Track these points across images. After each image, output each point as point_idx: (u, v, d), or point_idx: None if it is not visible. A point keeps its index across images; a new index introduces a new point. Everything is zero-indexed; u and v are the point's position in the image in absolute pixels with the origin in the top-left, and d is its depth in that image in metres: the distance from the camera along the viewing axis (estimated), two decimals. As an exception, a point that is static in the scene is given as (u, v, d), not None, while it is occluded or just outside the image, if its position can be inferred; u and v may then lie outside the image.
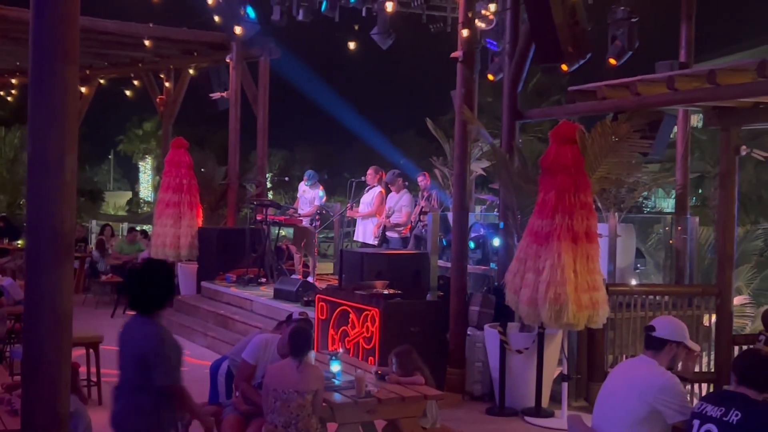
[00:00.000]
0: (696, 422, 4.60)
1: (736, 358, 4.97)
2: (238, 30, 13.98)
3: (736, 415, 4.43)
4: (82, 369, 8.52)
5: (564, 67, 9.73)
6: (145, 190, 46.48)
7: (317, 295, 10.54)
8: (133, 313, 5.23)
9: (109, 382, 9.50)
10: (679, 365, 5.13)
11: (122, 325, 5.30)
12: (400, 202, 13.21)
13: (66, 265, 4.64)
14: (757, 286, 15.89)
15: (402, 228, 13.10)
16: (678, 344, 5.05)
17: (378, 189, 13.45)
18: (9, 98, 22.71)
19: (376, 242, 13.28)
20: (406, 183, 13.79)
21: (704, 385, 9.47)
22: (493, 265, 11.10)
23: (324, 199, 14.14)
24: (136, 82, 19.93)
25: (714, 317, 9.76)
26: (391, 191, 13.59)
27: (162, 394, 4.96)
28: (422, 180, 13.68)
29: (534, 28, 9.70)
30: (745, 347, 9.13)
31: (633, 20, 10.03)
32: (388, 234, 13.19)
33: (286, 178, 20.65)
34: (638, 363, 5.18)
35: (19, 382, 5.64)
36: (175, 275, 15.07)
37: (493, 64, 11.59)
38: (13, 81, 21.41)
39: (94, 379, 9.08)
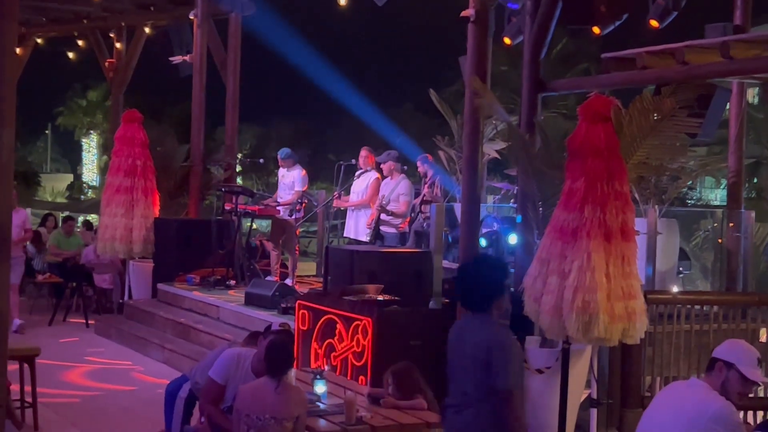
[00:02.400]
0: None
1: None
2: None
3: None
4: (14, 387, 8.51)
5: (596, 29, 9.72)
6: (90, 173, 46.47)
7: (298, 302, 10.53)
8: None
9: (46, 402, 9.54)
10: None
11: (454, 326, 5.73)
12: (396, 190, 13.16)
13: (1, 261, 4.63)
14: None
15: (400, 221, 13.06)
16: (729, 366, 5.03)
17: (374, 175, 13.42)
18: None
19: (368, 239, 13.27)
20: (405, 167, 13.75)
21: (759, 413, 9.52)
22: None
23: (305, 184, 14.07)
24: (80, 43, 19.92)
25: (772, 332, 9.81)
26: (385, 177, 13.55)
27: (502, 400, 5.22)
28: (423, 164, 13.67)
29: (561, -17, 9.71)
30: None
31: (679, -26, 10.04)
32: (383, 229, 13.13)
33: (260, 160, 20.65)
34: (689, 387, 5.20)
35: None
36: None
37: (511, 25, 11.57)
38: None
39: (29, 399, 9.07)
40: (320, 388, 6.93)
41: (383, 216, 13.04)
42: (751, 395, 9.13)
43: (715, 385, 5.05)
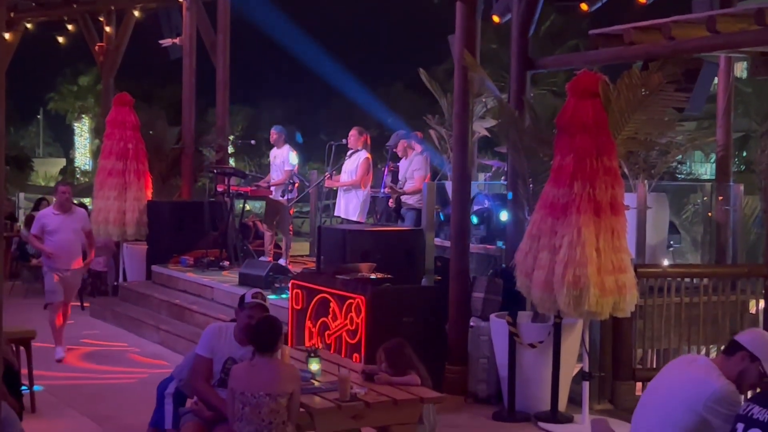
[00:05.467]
0: (740, 426, 4.64)
1: None
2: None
3: (786, 419, 4.46)
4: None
5: (583, 6, 9.74)
6: (83, 157, 46.26)
7: (291, 281, 10.58)
8: None
9: (45, 384, 9.57)
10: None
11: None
12: (411, 167, 13.16)
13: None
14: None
15: (418, 197, 12.92)
16: (753, 359, 4.93)
17: (364, 154, 13.39)
18: None
19: (361, 218, 13.27)
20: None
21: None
22: (500, 243, 11.14)
23: (296, 164, 14.06)
24: (70, 27, 19.82)
25: (762, 303, 9.85)
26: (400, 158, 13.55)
27: None
28: (409, 140, 13.66)
29: (548, -40, 9.70)
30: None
31: (666, -51, 10.05)
32: (404, 211, 13.10)
33: (252, 141, 20.59)
34: (696, 363, 5.16)
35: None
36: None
37: (499, 2, 11.55)
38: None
39: (25, 382, 9.09)
40: (314, 365, 6.96)
41: (403, 198, 13.06)
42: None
43: (730, 371, 4.90)
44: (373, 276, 9.64)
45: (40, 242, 11.17)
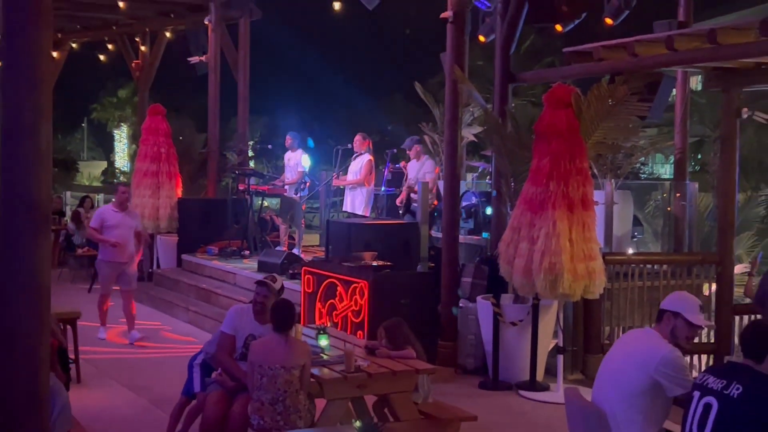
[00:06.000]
0: (696, 394, 4.64)
1: (743, 330, 5.00)
2: (216, -10, 13.93)
3: (738, 389, 4.42)
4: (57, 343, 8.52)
5: (558, 27, 9.71)
6: (121, 160, 46.20)
7: (303, 268, 10.57)
8: None
9: (87, 359, 9.57)
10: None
11: None
12: (423, 169, 13.10)
13: (43, 236, 4.63)
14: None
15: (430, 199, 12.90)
16: (675, 315, 5.06)
17: (366, 156, 13.37)
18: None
19: (365, 212, 13.26)
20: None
21: (704, 357, 9.58)
22: (485, 234, 11.13)
23: (307, 166, 14.02)
24: (110, 46, 19.80)
25: (714, 286, 9.84)
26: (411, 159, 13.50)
27: None
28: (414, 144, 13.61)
29: (527, -13, 9.68)
30: (746, 317, 9.23)
31: (630, -23, 10.01)
32: (414, 206, 13.05)
33: (269, 146, 20.56)
34: (642, 334, 5.23)
35: None
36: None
37: (485, 24, 11.53)
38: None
39: (72, 356, 9.09)
40: (323, 341, 6.95)
41: (412, 195, 13.01)
42: (696, 341, 9.20)
43: (664, 332, 5.07)
44: (374, 263, 9.64)
45: (99, 234, 10.85)
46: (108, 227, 10.84)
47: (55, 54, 19.33)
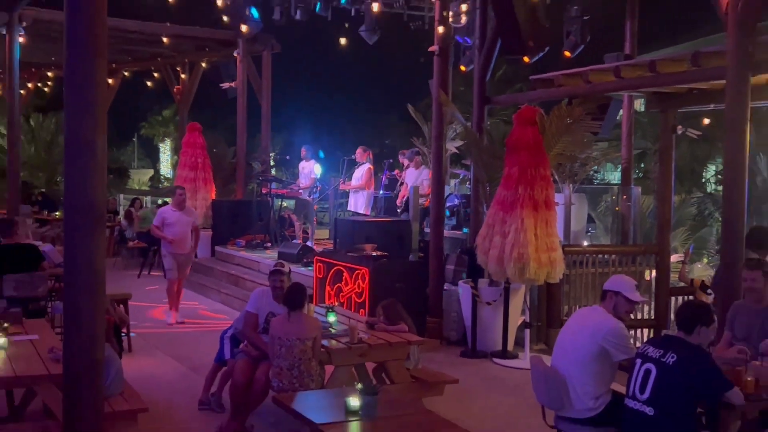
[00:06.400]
0: (638, 361, 4.67)
1: (678, 308, 5.03)
2: (243, 28, 13.89)
3: (672, 357, 4.49)
4: (112, 320, 8.53)
5: (526, 59, 9.71)
6: (165, 168, 46.11)
7: (315, 257, 10.58)
8: None
9: (137, 333, 9.58)
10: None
11: None
12: (421, 177, 13.08)
13: (99, 231, 4.65)
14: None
15: (424, 199, 12.89)
16: (616, 294, 5.08)
17: (366, 165, 13.40)
18: (45, 89, 22.80)
19: (366, 212, 13.27)
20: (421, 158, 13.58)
21: (646, 330, 9.59)
22: (465, 230, 11.14)
23: (319, 174, 14.03)
24: (155, 75, 19.77)
25: (654, 272, 9.85)
26: (409, 168, 13.46)
27: None
28: (405, 157, 13.61)
29: (500, 25, 9.67)
30: (680, 298, 9.25)
31: (585, 18, 10.03)
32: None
33: (287, 157, 20.56)
34: (591, 311, 5.26)
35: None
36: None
37: (465, 56, 11.56)
38: (49, 74, 21.56)
39: (124, 330, 9.10)
40: (332, 318, 6.96)
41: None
42: (639, 317, 9.23)
43: (608, 308, 5.10)
44: (374, 254, 9.64)
45: (161, 231, 10.60)
46: (168, 224, 10.64)
47: (110, 81, 19.30)
